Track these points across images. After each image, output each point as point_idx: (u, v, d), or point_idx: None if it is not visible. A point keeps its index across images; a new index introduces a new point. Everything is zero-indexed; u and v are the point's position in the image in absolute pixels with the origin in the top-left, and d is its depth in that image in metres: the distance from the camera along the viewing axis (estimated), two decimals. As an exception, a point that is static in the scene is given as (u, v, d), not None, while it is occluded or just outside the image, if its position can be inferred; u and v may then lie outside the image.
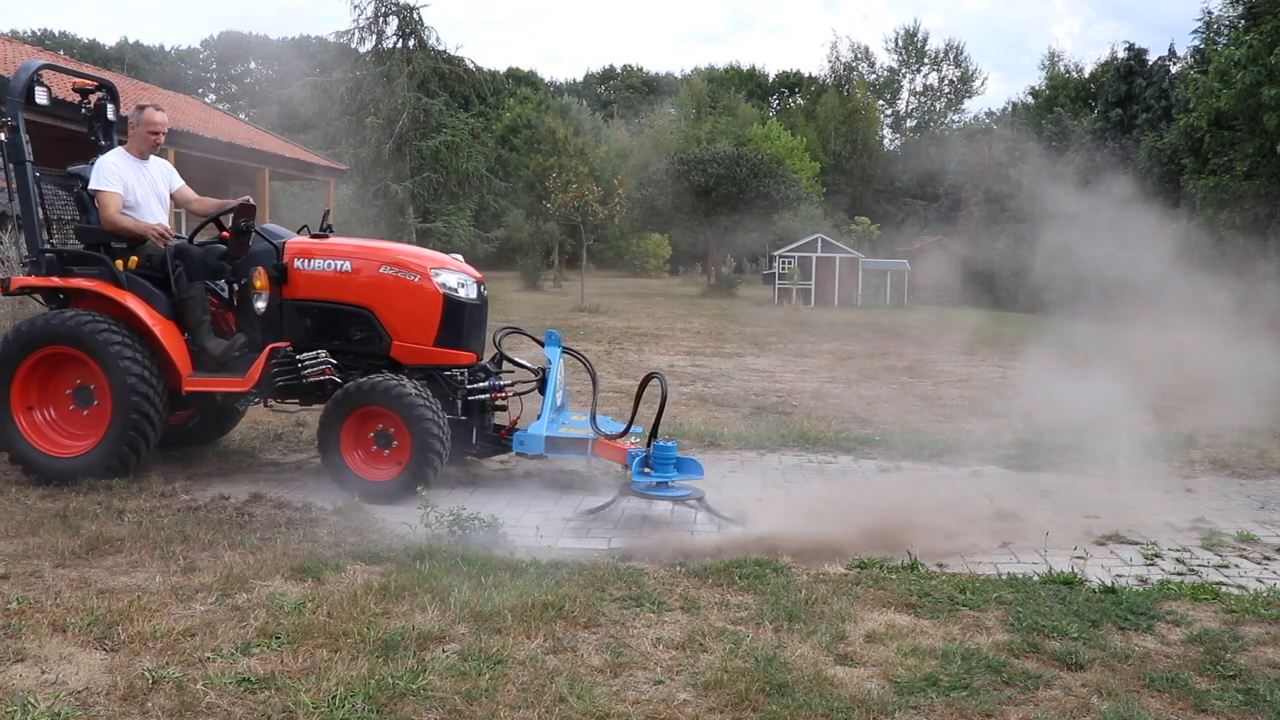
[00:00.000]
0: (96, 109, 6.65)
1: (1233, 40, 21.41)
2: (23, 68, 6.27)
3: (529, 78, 72.35)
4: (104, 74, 6.22)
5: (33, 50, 20.06)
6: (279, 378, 6.04)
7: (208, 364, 6.06)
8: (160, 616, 3.84)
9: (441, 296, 6.10)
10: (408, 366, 6.10)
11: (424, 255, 6.40)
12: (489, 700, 3.23)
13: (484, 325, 6.55)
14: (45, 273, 6.15)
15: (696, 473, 5.63)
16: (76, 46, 59.29)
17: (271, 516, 5.27)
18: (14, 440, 5.92)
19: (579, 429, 6.23)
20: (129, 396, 5.76)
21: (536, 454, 6.15)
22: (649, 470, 5.59)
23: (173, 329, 6.03)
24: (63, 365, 5.98)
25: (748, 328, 21.64)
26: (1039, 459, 7.27)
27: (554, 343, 6.60)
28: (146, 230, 6.13)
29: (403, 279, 6.10)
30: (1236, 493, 6.66)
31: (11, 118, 6.08)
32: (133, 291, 5.98)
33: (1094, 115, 32.37)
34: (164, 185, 6.53)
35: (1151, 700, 3.39)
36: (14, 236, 9.59)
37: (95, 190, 6.16)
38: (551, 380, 6.37)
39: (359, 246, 6.37)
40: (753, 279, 50.27)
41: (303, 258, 6.13)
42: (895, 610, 4.16)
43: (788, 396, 10.66)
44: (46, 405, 6.06)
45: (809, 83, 72.40)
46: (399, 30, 32.08)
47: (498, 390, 6.36)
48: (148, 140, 6.40)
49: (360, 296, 6.10)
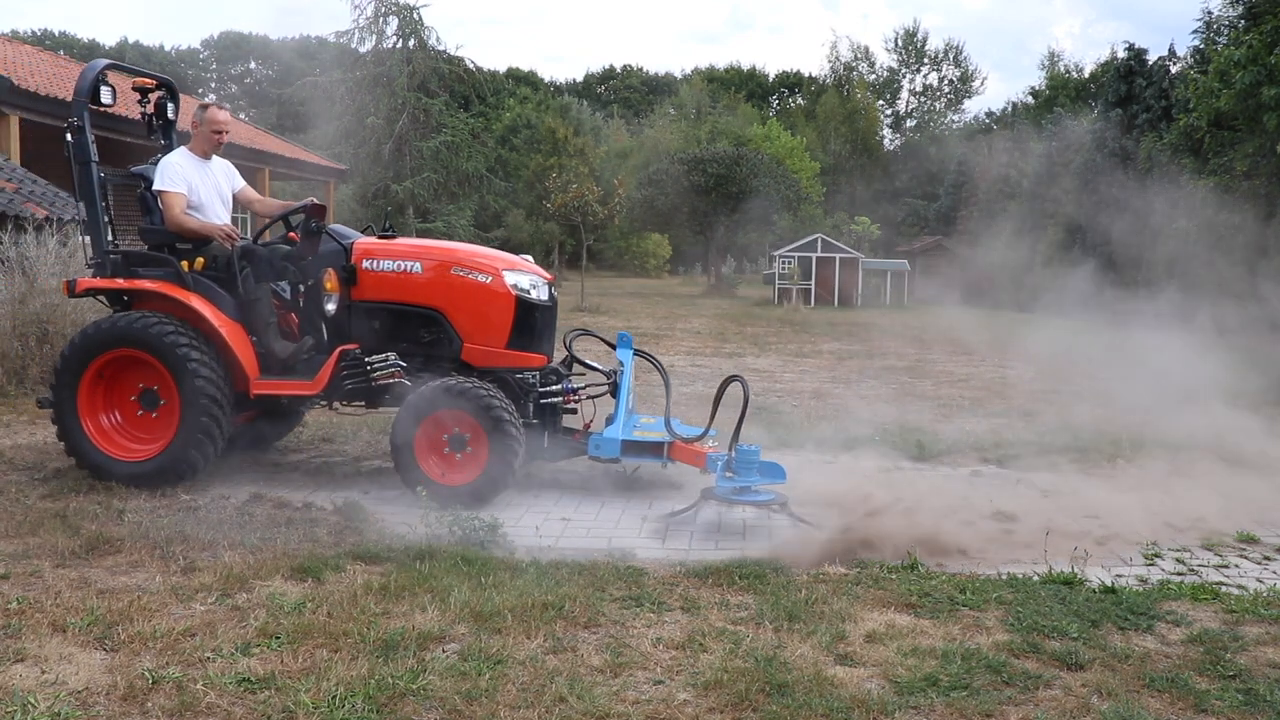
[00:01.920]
0: (156, 108, 6.57)
1: (1233, 40, 21.40)
2: (88, 67, 6.17)
3: (529, 78, 72.34)
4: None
5: (33, 50, 20.04)
6: (348, 381, 5.94)
7: (274, 366, 5.98)
8: (160, 616, 3.84)
9: (514, 298, 6.00)
10: (478, 369, 6.00)
11: (495, 256, 6.31)
12: (489, 700, 3.23)
13: (554, 327, 6.45)
14: (110, 275, 6.06)
15: (779, 477, 5.49)
16: (76, 46, 59.23)
17: (271, 516, 5.27)
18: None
19: (653, 432, 6.12)
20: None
21: (611, 458, 6.02)
22: (731, 475, 5.49)
23: (240, 331, 5.94)
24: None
25: (748, 328, 21.64)
26: (1038, 459, 7.26)
27: (625, 345, 6.51)
28: (213, 231, 6.05)
29: (474, 280, 6.00)
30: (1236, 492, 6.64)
31: (77, 118, 5.99)
32: (199, 293, 5.90)
33: (1094, 115, 32.36)
34: (226, 185, 6.47)
35: (1151, 700, 3.39)
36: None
37: (160, 191, 6.06)
38: (625, 383, 6.28)
39: (429, 247, 6.29)
40: (753, 279, 50.32)
41: (371, 259, 6.02)
42: (895, 610, 4.16)
43: (787, 396, 10.66)
44: (112, 409, 5.98)
45: (809, 83, 72.41)
46: (399, 30, 32.10)
47: (571, 393, 6.24)
48: (211, 140, 6.32)
49: (430, 298, 6.00)
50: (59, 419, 5.90)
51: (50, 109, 14.77)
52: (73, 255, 9.92)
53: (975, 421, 9.13)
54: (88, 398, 5.87)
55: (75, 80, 6.29)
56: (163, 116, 6.62)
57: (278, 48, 63.96)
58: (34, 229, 10.17)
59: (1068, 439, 7.94)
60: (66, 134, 6.01)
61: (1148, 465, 7.05)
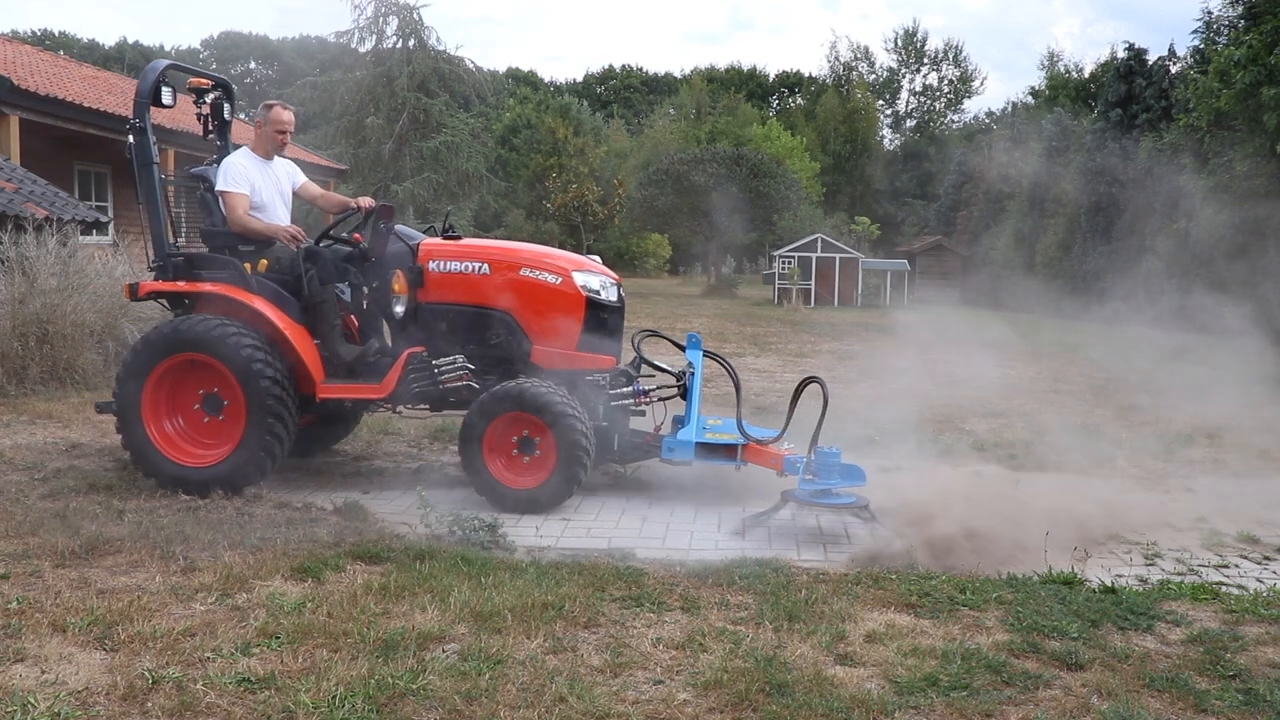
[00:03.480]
0: (213, 109, 6.51)
1: (1233, 40, 21.38)
2: (149, 68, 6.08)
3: (529, 78, 72.32)
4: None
5: (33, 50, 20.03)
6: (415, 384, 5.88)
7: (339, 370, 5.92)
8: (160, 616, 3.84)
9: (584, 299, 5.95)
10: (547, 371, 5.93)
11: (563, 256, 6.23)
12: (489, 700, 3.23)
13: (622, 328, 6.38)
14: (172, 277, 6.00)
15: (859, 479, 5.40)
16: (76, 46, 59.22)
17: (271, 516, 5.27)
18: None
19: (726, 434, 6.03)
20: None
21: (685, 461, 5.92)
22: (811, 477, 5.41)
23: (304, 334, 5.88)
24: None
25: (748, 327, 21.62)
26: (1036, 459, 7.27)
27: (695, 346, 6.42)
28: (278, 232, 5.99)
29: (543, 281, 5.93)
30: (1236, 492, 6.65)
31: (139, 119, 5.92)
32: (263, 295, 5.82)
33: (1094, 115, 32.34)
34: (287, 185, 6.40)
35: (1151, 700, 3.40)
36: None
37: (222, 191, 5.98)
38: (696, 385, 6.19)
39: (497, 248, 6.23)
40: (753, 279, 50.26)
41: (438, 259, 5.96)
42: (895, 610, 4.16)
43: (787, 397, 10.63)
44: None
45: (809, 83, 72.37)
46: (399, 30, 32.10)
47: (642, 395, 6.16)
48: (274, 139, 6.24)
49: (498, 299, 5.93)
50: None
51: (50, 109, 14.77)
52: (72, 255, 9.92)
53: (977, 421, 9.13)
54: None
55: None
56: (219, 117, 6.55)
57: (278, 48, 64.01)
58: (34, 229, 10.17)
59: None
60: (128, 135, 5.95)
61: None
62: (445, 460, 7.08)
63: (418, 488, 5.58)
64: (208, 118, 6.52)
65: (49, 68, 17.45)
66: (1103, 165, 27.89)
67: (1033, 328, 20.95)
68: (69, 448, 6.97)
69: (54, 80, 16.12)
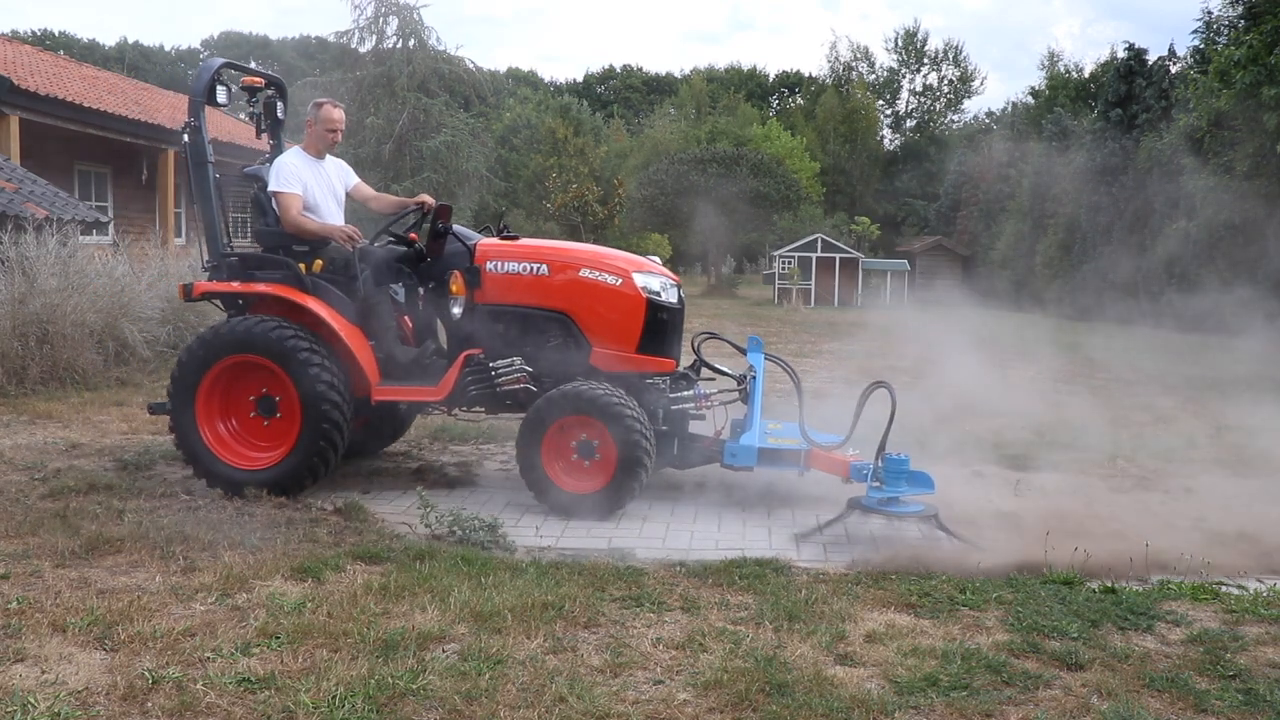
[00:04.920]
0: (266, 107, 6.44)
1: (1233, 40, 21.39)
2: (204, 67, 6.06)
3: (529, 78, 72.34)
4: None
5: (33, 50, 20.03)
6: (473, 386, 5.79)
7: (394, 372, 5.85)
8: (160, 616, 3.84)
9: (645, 300, 5.81)
10: (606, 374, 5.80)
11: (623, 257, 6.12)
12: (489, 700, 3.23)
13: (682, 330, 6.25)
14: (227, 278, 5.95)
15: (928, 487, 5.27)
16: (76, 46, 59.22)
17: (271, 516, 5.26)
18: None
19: (788, 439, 5.91)
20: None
21: (745, 466, 5.81)
22: (879, 484, 5.27)
23: (360, 335, 5.78)
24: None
25: (748, 328, 21.61)
26: (1036, 459, 7.26)
27: (756, 349, 6.28)
28: (333, 232, 5.90)
29: (604, 282, 5.81)
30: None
31: (194, 118, 5.89)
32: (318, 296, 5.75)
33: (1094, 115, 32.33)
34: (340, 184, 6.32)
35: (1151, 700, 3.40)
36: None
37: (275, 192, 5.89)
38: (758, 389, 6.04)
39: (555, 248, 6.15)
40: (753, 279, 50.26)
41: (495, 260, 5.86)
42: (895, 610, 4.16)
43: (787, 397, 10.62)
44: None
45: (809, 83, 72.37)
46: (399, 30, 32.07)
47: (703, 399, 6.07)
48: (326, 139, 6.18)
49: (557, 301, 5.83)
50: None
51: (50, 109, 14.77)
52: (72, 255, 9.92)
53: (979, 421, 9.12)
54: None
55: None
56: (271, 116, 6.49)
57: (278, 48, 64.01)
58: (34, 229, 10.17)
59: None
60: (183, 134, 5.90)
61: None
62: (445, 460, 7.08)
63: (418, 488, 5.58)
64: (260, 117, 6.46)
65: (49, 68, 17.44)
66: (1103, 165, 27.87)
67: (1033, 328, 20.95)
68: (69, 448, 6.97)
69: (54, 80, 16.11)
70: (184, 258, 13.30)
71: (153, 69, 57.48)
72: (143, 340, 10.14)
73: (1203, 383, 11.45)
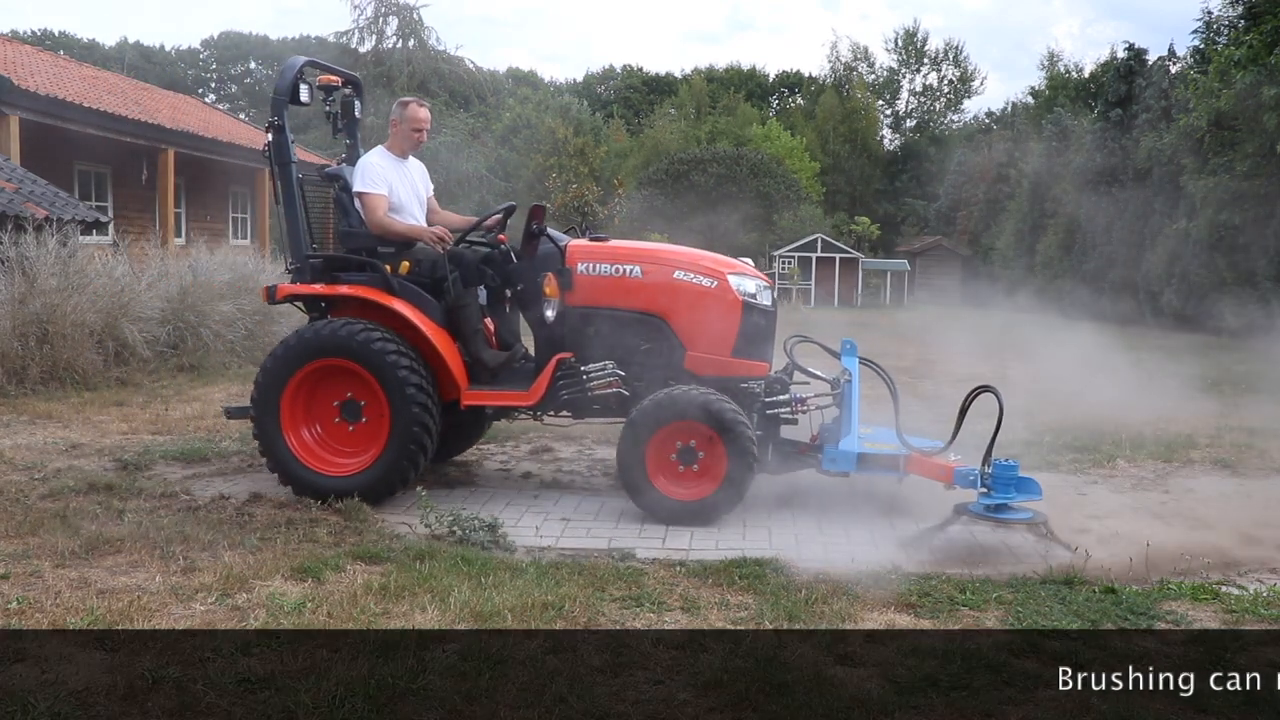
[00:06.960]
0: (343, 106, 6.39)
1: (1233, 40, 21.40)
2: (287, 66, 5.95)
3: (529, 78, 72.30)
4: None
5: (33, 50, 20.03)
6: (564, 391, 5.70)
7: (482, 375, 5.77)
8: (160, 616, 3.84)
9: (741, 303, 5.72)
10: (700, 378, 5.67)
11: (717, 259, 6.00)
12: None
13: (774, 333, 6.10)
14: (310, 280, 5.88)
15: (1035, 494, 5.12)
16: (76, 46, 59.18)
17: (271, 516, 5.26)
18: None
19: (884, 443, 5.78)
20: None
21: (843, 472, 5.68)
22: (986, 490, 5.12)
23: (447, 338, 5.69)
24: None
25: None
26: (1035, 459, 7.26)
27: (850, 352, 6.10)
28: (422, 234, 5.82)
29: (699, 285, 5.70)
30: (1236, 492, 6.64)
31: (277, 118, 5.82)
32: (404, 299, 5.66)
33: (1094, 115, 32.31)
34: (423, 186, 6.23)
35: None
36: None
37: (360, 193, 5.80)
38: (854, 393, 5.84)
39: (648, 250, 6.06)
40: (753, 279, 50.18)
41: (587, 262, 5.75)
42: (895, 610, 4.16)
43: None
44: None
45: (809, 83, 72.34)
46: (399, 30, 32.13)
47: (800, 403, 5.95)
48: (411, 138, 6.06)
49: (651, 304, 5.72)
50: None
51: (50, 109, 14.77)
52: (72, 255, 9.93)
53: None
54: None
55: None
56: (348, 115, 6.44)
57: (278, 48, 63.95)
58: (34, 229, 10.17)
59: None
60: (266, 132, 5.85)
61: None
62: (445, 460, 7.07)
63: (418, 488, 5.58)
64: (336, 115, 6.41)
65: (49, 68, 17.44)
66: (1103, 165, 27.86)
67: (1034, 327, 20.90)
68: (69, 448, 6.97)
69: (54, 80, 16.11)
70: (184, 258, 13.31)
71: (153, 69, 57.43)
72: (142, 340, 10.15)
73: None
